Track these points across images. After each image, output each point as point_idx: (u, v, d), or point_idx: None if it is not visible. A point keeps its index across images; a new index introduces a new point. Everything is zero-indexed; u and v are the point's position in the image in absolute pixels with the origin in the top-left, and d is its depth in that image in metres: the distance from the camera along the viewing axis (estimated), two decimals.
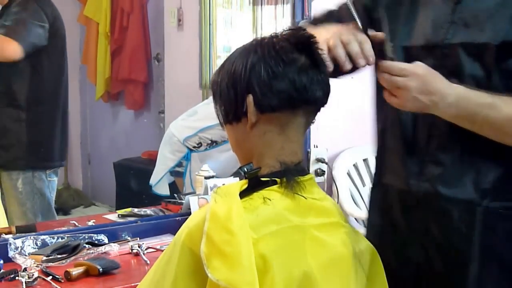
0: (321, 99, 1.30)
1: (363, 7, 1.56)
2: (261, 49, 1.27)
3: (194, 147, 3.60)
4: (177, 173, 3.74)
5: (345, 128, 3.45)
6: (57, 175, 3.16)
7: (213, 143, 3.57)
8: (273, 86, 1.24)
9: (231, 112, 1.29)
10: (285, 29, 1.34)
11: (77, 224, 2.50)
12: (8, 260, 2.06)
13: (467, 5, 1.44)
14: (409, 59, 1.44)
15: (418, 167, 1.48)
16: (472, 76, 1.41)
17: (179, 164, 3.69)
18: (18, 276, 1.91)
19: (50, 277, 1.94)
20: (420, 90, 1.33)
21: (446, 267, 1.45)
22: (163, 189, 3.68)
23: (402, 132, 1.52)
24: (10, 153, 2.98)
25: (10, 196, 2.99)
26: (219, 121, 1.34)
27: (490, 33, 1.40)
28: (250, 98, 1.25)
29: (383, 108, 1.56)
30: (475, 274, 1.43)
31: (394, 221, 1.54)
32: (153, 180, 3.70)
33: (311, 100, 1.27)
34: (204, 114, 3.63)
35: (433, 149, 1.46)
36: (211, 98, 4.05)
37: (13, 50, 2.83)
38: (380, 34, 1.38)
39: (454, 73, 1.42)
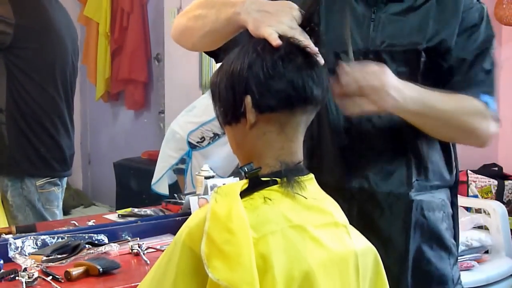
0: (320, 98, 1.30)
1: None
2: (258, 49, 1.27)
3: (198, 142, 3.59)
4: (180, 171, 3.74)
5: None
6: (56, 185, 2.99)
7: (215, 136, 3.57)
8: (270, 86, 1.24)
9: (230, 113, 1.29)
10: None
11: (77, 224, 2.50)
12: (8, 260, 2.05)
13: (383, 16, 1.60)
14: (333, 64, 1.54)
15: (352, 167, 1.62)
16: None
17: (182, 161, 3.69)
18: (18, 276, 1.91)
19: (50, 277, 1.94)
20: (392, 86, 1.41)
21: (386, 255, 1.55)
22: (162, 188, 3.68)
23: (334, 135, 1.63)
24: None
25: (4, 207, 2.90)
26: (219, 122, 1.34)
27: (412, 38, 1.57)
28: (248, 99, 1.25)
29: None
30: (410, 262, 1.61)
31: None
32: (154, 179, 3.69)
33: (310, 99, 1.27)
34: (203, 108, 3.63)
35: (364, 150, 1.61)
36: (208, 92, 4.07)
37: None
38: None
39: None
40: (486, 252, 3.39)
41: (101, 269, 1.97)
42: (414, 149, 1.61)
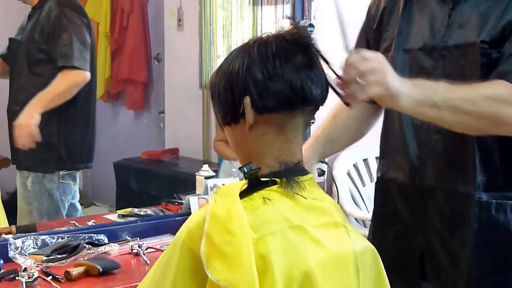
0: (319, 98, 1.29)
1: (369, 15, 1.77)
2: (257, 50, 1.27)
3: None
4: None
5: None
6: (74, 179, 3.08)
7: None
8: (269, 87, 1.24)
9: (229, 113, 1.29)
10: (281, 29, 1.34)
11: (77, 224, 2.51)
12: (8, 260, 2.06)
13: (461, 10, 1.61)
14: (410, 61, 1.63)
15: (421, 163, 1.66)
16: (469, 76, 1.54)
17: None
18: (18, 276, 1.91)
19: (50, 277, 1.94)
20: (391, 73, 1.37)
21: (447, 253, 1.64)
22: None
23: (403, 131, 1.68)
24: (22, 153, 2.92)
25: (20, 193, 2.98)
26: (218, 122, 1.34)
27: (480, 32, 1.56)
28: (247, 100, 1.25)
29: (386, 112, 1.75)
30: (471, 262, 1.61)
31: (398, 212, 1.73)
32: None
33: (309, 99, 1.27)
34: None
35: (434, 147, 1.64)
36: None
37: (83, 80, 2.90)
38: None
39: (452, 74, 1.56)
40: None
41: (101, 269, 1.97)
42: (482, 148, 1.59)
